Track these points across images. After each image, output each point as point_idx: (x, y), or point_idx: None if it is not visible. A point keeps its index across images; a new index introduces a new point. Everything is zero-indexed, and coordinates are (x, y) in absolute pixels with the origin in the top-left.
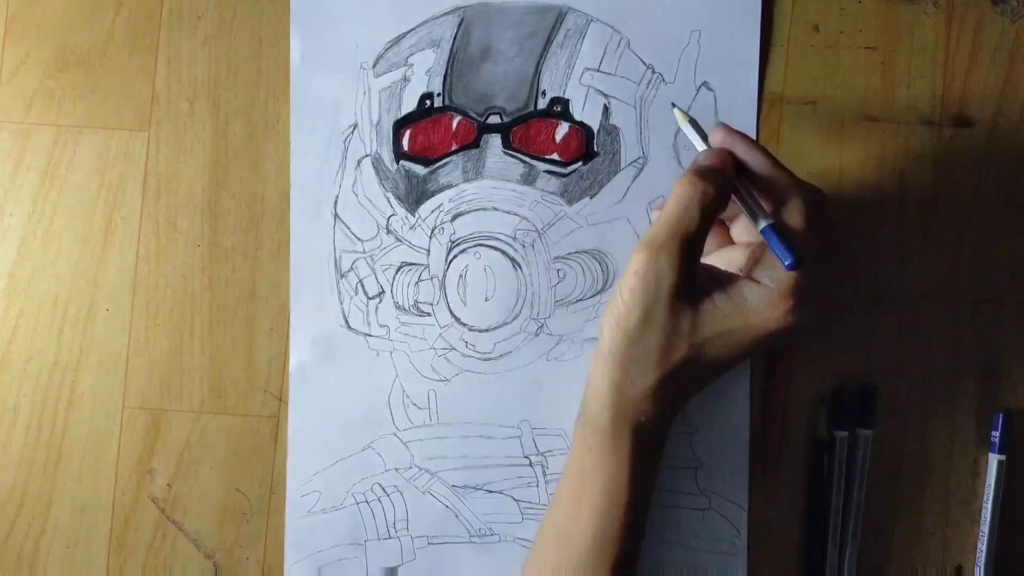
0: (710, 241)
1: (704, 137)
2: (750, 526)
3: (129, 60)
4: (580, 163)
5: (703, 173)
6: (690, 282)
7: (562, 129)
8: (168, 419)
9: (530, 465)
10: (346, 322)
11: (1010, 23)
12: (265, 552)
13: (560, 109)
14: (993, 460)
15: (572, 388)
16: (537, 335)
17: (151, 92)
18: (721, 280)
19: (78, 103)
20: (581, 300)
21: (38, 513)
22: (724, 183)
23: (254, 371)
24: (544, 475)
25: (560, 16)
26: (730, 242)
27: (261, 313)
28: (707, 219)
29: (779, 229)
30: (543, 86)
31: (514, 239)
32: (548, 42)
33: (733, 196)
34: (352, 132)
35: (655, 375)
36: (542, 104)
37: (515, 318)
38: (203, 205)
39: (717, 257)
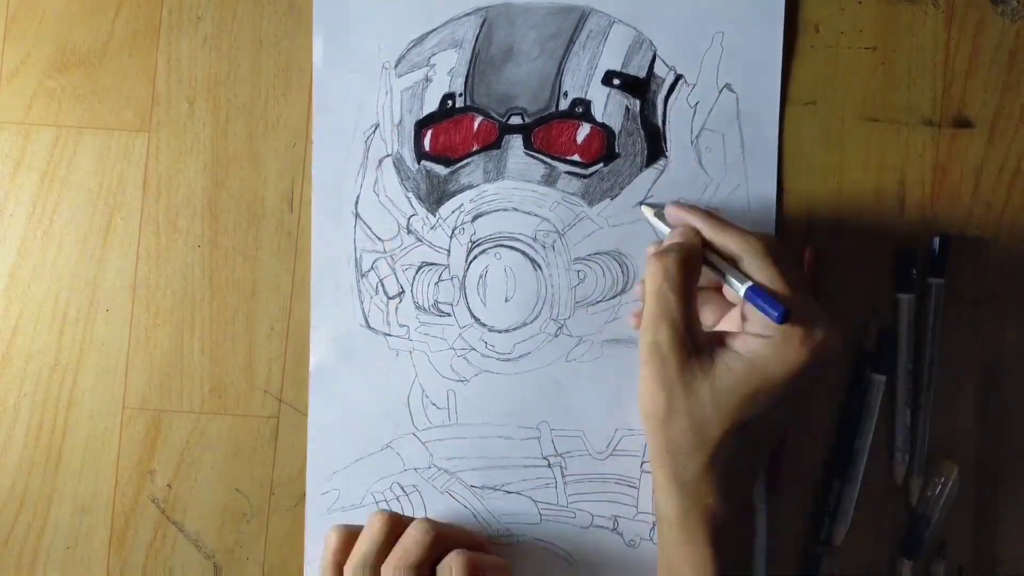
0: (714, 310)
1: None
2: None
3: (129, 60)
4: (601, 164)
5: (662, 251)
6: (695, 354)
7: (584, 130)
8: (168, 419)
9: (549, 466)
10: (366, 322)
11: (1010, 23)
12: (265, 552)
13: (582, 110)
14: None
15: (591, 389)
16: (556, 336)
17: (151, 92)
18: (729, 343)
19: (78, 103)
20: (601, 301)
21: (38, 513)
22: (683, 253)
23: (254, 371)
24: (563, 476)
25: (583, 17)
26: (730, 305)
27: (261, 313)
28: (682, 290)
29: (757, 288)
30: (565, 87)
31: (534, 240)
32: (570, 43)
33: (710, 268)
34: (374, 132)
35: (701, 458)
36: (564, 105)
37: (535, 319)
38: (203, 205)
39: (726, 322)
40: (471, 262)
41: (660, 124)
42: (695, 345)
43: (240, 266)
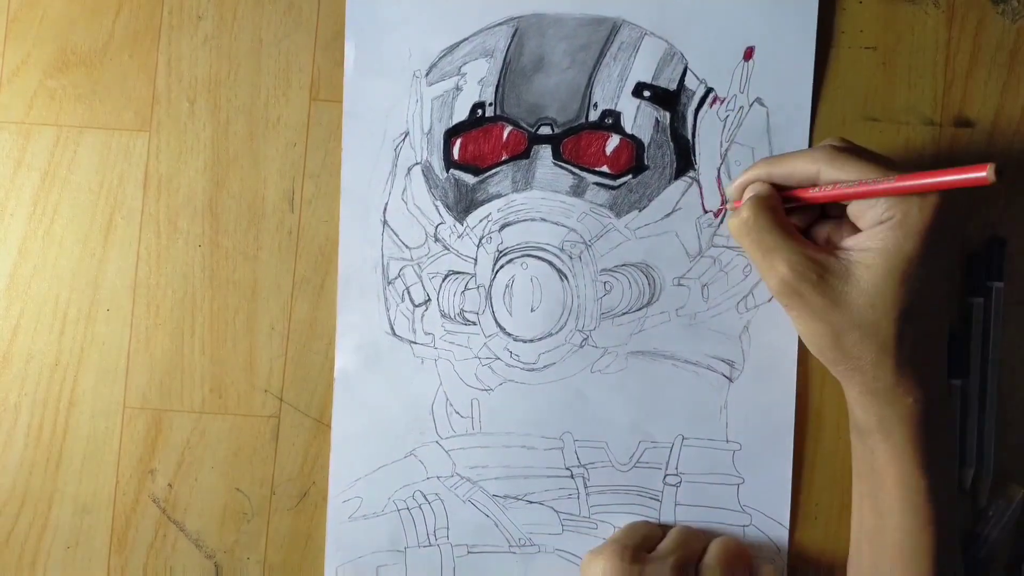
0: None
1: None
2: (791, 543)
3: (130, 60)
4: (630, 176)
5: (735, 213)
6: (826, 272)
7: (613, 142)
8: (169, 419)
9: (571, 477)
10: (392, 329)
11: (1011, 23)
12: (266, 552)
13: (611, 122)
14: None
15: (615, 401)
16: (582, 347)
17: (152, 92)
18: (854, 246)
19: (79, 103)
20: (627, 313)
21: (39, 513)
22: (753, 199)
23: (254, 371)
24: (585, 487)
25: (614, 29)
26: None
27: (261, 313)
28: (772, 225)
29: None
30: (595, 98)
31: (561, 250)
32: (601, 54)
33: (831, 202)
34: (403, 140)
35: (889, 361)
36: (594, 116)
37: (560, 329)
38: (203, 205)
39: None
40: (498, 271)
41: (690, 137)
42: (820, 265)
43: (240, 266)
